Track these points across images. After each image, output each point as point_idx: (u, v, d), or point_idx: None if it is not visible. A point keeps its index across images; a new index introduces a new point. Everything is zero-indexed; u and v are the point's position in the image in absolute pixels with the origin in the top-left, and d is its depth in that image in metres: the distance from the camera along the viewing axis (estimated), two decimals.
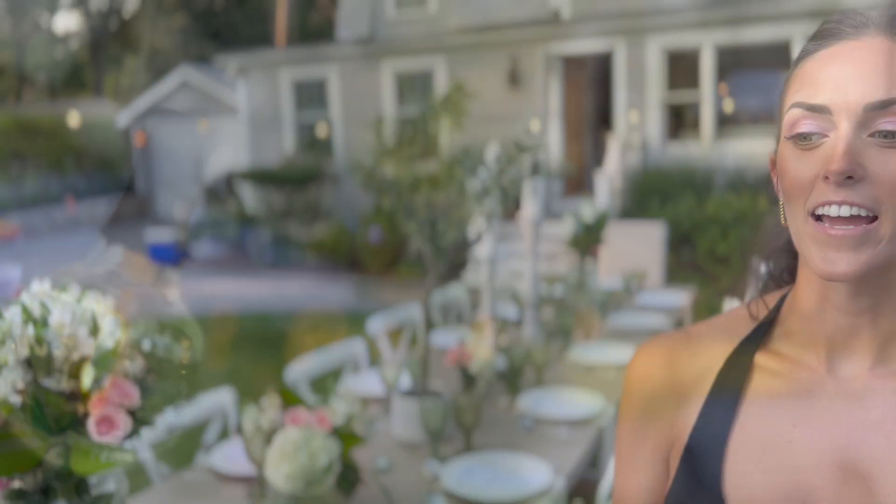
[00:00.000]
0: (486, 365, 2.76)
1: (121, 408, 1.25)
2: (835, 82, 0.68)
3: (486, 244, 3.05)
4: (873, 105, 0.66)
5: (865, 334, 0.73)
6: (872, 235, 0.67)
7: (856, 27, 0.70)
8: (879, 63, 0.67)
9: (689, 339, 0.86)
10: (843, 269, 0.67)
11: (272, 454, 1.79)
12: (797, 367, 0.77)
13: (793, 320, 0.79)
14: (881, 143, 0.66)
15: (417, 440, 2.42)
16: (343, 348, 3.27)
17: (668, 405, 0.84)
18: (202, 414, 2.63)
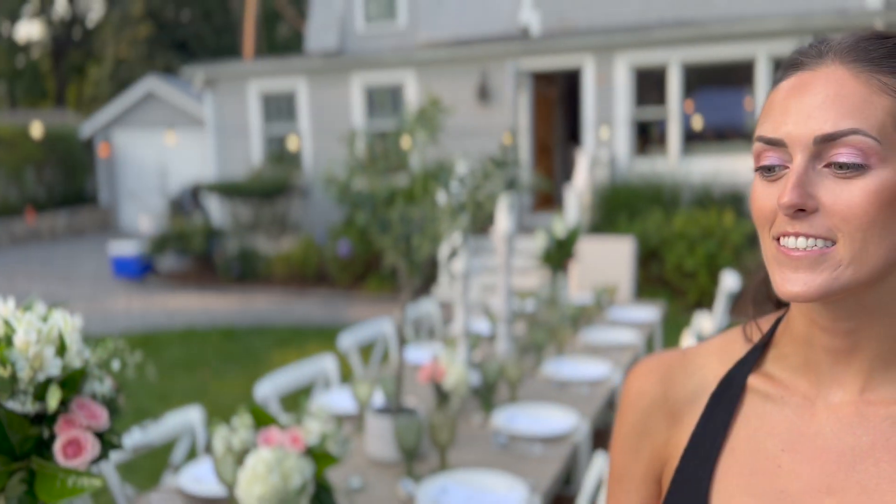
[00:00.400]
0: (459, 381, 2.73)
1: (88, 430, 1.20)
2: (791, 116, 0.69)
3: (460, 259, 3.03)
4: (822, 138, 0.67)
5: (854, 359, 0.73)
6: (830, 258, 0.67)
7: (815, 57, 0.71)
8: (831, 94, 0.68)
9: (684, 359, 0.87)
10: (799, 288, 0.68)
11: (244, 475, 1.74)
12: (789, 391, 0.77)
13: (786, 344, 0.79)
14: (835, 174, 0.67)
15: (391, 459, 2.38)
16: (313, 364, 3.22)
17: (662, 424, 0.84)
18: (169, 433, 2.56)
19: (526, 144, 10.83)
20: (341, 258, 9.92)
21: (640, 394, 0.86)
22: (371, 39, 12.76)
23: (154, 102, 17.29)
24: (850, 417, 0.73)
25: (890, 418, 0.71)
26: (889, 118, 0.66)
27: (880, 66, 0.68)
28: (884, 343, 0.72)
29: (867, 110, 0.66)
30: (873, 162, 0.66)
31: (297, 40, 26.92)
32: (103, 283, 11.25)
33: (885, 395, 0.73)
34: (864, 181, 0.66)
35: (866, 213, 0.66)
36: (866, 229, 0.66)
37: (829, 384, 0.75)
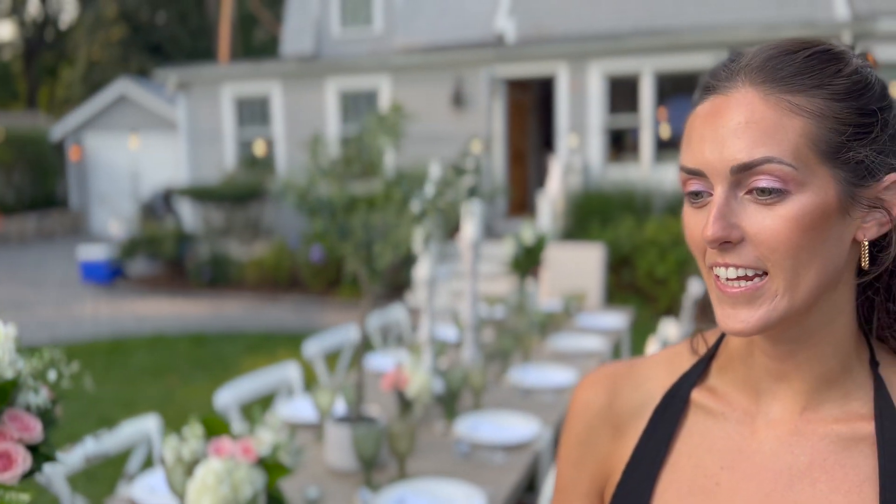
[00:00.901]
0: (422, 389, 2.71)
1: (20, 443, 1.17)
2: (707, 144, 0.68)
3: (425, 266, 3.01)
4: (738, 168, 0.66)
5: (793, 379, 0.73)
6: (765, 291, 0.67)
7: (725, 79, 0.69)
8: (742, 121, 0.66)
9: (631, 371, 0.86)
10: (739, 326, 0.67)
11: (193, 486, 1.70)
12: (731, 406, 0.77)
13: (728, 359, 0.78)
14: (757, 201, 0.66)
15: (350, 468, 2.36)
16: (276, 372, 3.18)
17: (607, 437, 0.84)
18: (125, 442, 2.51)
19: (500, 151, 10.85)
20: (314, 264, 9.86)
21: (586, 405, 0.85)
22: (347, 44, 12.72)
23: (126, 105, 17.10)
24: (788, 436, 0.73)
25: (828, 437, 0.71)
26: (802, 140, 0.65)
27: (790, 85, 0.66)
28: (824, 363, 0.72)
29: (779, 135, 0.65)
30: (792, 187, 0.65)
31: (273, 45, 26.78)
32: (71, 287, 11.08)
33: (825, 414, 0.72)
34: (785, 208, 0.65)
35: (790, 240, 0.65)
36: (794, 256, 0.65)
37: (769, 401, 0.74)
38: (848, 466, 0.69)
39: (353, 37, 12.71)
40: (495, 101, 10.80)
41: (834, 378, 0.72)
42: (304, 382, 3.36)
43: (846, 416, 0.71)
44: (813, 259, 0.66)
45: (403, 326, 4.55)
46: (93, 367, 6.79)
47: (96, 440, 2.43)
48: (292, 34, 13.27)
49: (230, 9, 21.21)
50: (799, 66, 0.67)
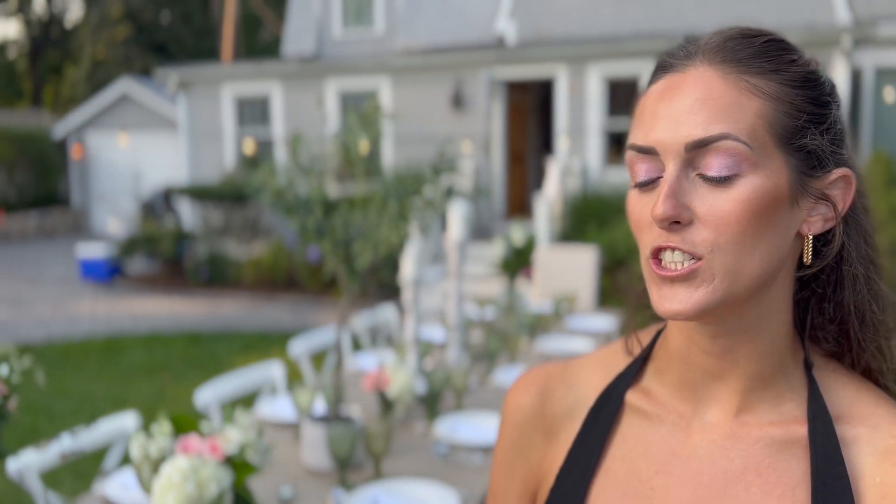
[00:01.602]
0: (404, 389, 2.70)
1: None
2: (660, 121, 0.65)
3: (409, 266, 3.01)
4: (693, 144, 0.63)
5: (730, 378, 0.71)
6: (702, 273, 0.64)
7: (684, 58, 0.68)
8: (700, 97, 0.64)
9: (565, 372, 0.84)
10: (676, 306, 0.65)
11: (158, 483, 1.69)
12: (665, 408, 0.75)
13: (663, 359, 0.76)
14: (708, 182, 0.64)
15: (326, 468, 2.35)
16: (260, 371, 3.17)
17: (539, 441, 0.81)
18: (102, 439, 2.50)
19: (499, 153, 10.84)
20: (311, 264, 9.86)
21: (517, 408, 0.83)
22: (348, 45, 12.73)
23: (128, 104, 17.13)
24: (723, 439, 0.71)
25: (762, 440, 0.70)
26: (759, 121, 0.64)
27: (748, 67, 0.65)
28: (761, 362, 0.70)
29: (737, 113, 0.63)
30: (744, 168, 0.63)
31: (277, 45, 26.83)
32: (70, 285, 11.09)
33: (760, 417, 0.71)
34: (737, 189, 0.63)
35: (738, 223, 0.63)
36: (738, 241, 0.63)
37: (705, 403, 0.73)
38: (781, 470, 0.68)
39: (355, 38, 12.71)
40: (495, 102, 10.80)
41: (769, 378, 0.70)
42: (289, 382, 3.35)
43: (780, 419, 0.70)
44: (758, 246, 0.64)
45: (393, 327, 4.54)
46: (87, 364, 6.80)
47: (73, 437, 2.43)
48: (294, 35, 13.28)
49: (234, 9, 21.25)
50: (758, 49, 0.67)
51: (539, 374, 0.84)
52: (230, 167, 12.34)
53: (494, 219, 10.63)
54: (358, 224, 2.45)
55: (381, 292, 9.10)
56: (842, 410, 0.69)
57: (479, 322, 4.29)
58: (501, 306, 4.19)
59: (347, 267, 2.40)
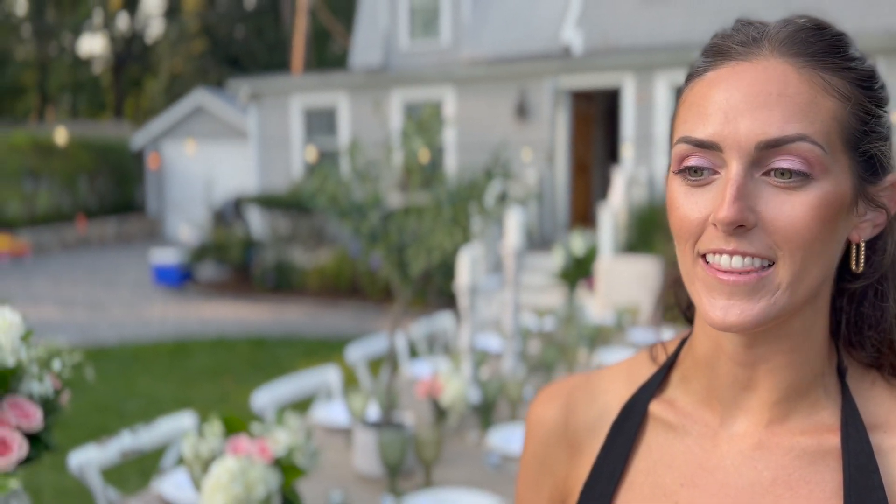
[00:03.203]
0: (457, 397, 2.68)
1: (17, 430, 1.19)
2: (724, 113, 0.60)
3: (464, 272, 2.98)
4: (766, 143, 0.58)
5: (762, 388, 0.66)
6: (768, 283, 0.59)
7: (747, 45, 0.62)
8: (773, 92, 0.59)
9: (588, 384, 0.81)
10: (734, 319, 0.60)
11: (207, 483, 1.71)
12: (691, 419, 0.71)
13: (689, 367, 0.72)
14: (777, 184, 0.59)
15: (377, 474, 2.34)
16: (316, 375, 3.20)
17: (563, 455, 0.79)
18: (161, 438, 2.56)
19: (563, 162, 10.74)
20: (373, 271, 9.95)
21: (540, 422, 0.80)
22: (414, 57, 12.85)
23: (202, 115, 17.70)
24: (751, 450, 0.67)
25: (793, 451, 0.65)
26: (833, 123, 0.59)
27: (823, 63, 0.60)
28: (797, 371, 0.65)
29: (813, 114, 0.58)
30: (817, 172, 0.58)
31: (346, 58, 27.33)
32: (144, 289, 11.49)
33: (792, 427, 0.66)
34: (807, 194, 0.58)
35: (809, 230, 0.58)
36: (807, 248, 0.59)
37: (733, 413, 0.68)
38: (813, 482, 0.64)
39: (421, 49, 12.82)
40: (559, 112, 10.71)
41: (805, 388, 0.66)
42: (345, 387, 3.37)
43: (813, 428, 0.66)
44: (822, 253, 0.60)
45: (450, 335, 4.53)
46: (156, 366, 7.01)
47: (133, 435, 2.49)
48: (361, 47, 13.49)
49: (304, 23, 21.76)
50: (829, 43, 0.61)
51: (562, 387, 0.82)
52: (297, 176, 12.59)
53: (557, 229, 10.51)
54: (412, 229, 2.44)
55: (440, 300, 9.11)
56: (878, 419, 0.65)
57: (537, 332, 4.23)
58: (560, 316, 4.12)
59: (401, 273, 2.39)
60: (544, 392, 0.82)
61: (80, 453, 2.26)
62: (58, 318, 9.22)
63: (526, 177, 10.24)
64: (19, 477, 1.13)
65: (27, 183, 16.88)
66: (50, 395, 1.26)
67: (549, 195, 10.79)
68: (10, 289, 11.19)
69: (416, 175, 2.49)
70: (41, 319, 8.95)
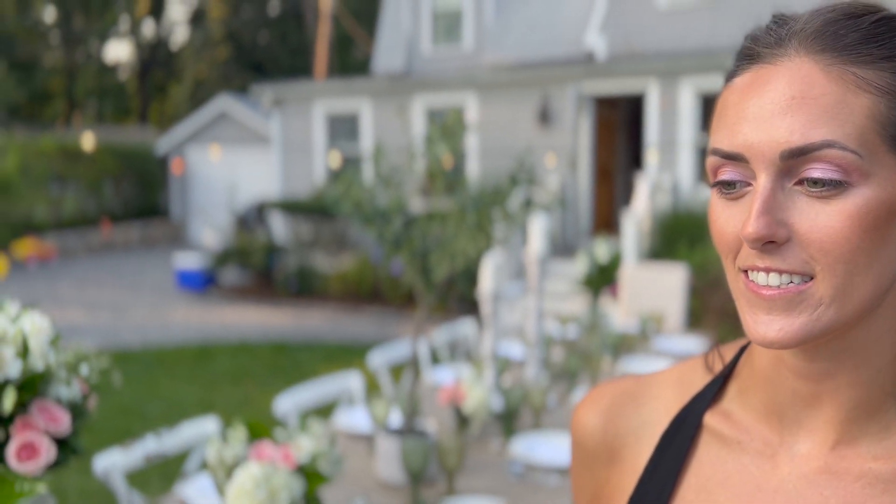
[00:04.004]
0: (480, 405, 2.66)
1: (45, 434, 1.19)
2: (749, 123, 0.57)
3: (487, 279, 2.97)
4: (791, 152, 0.55)
5: (827, 406, 0.62)
6: (807, 298, 0.56)
7: (773, 46, 0.58)
8: (797, 95, 0.55)
9: (636, 388, 0.77)
10: (774, 335, 0.57)
11: (231, 489, 1.71)
12: (749, 435, 0.67)
13: (748, 379, 0.68)
14: (809, 193, 0.55)
15: (399, 481, 2.32)
16: (338, 381, 3.19)
17: (602, 462, 0.75)
18: (184, 443, 2.56)
19: (585, 168, 10.69)
20: (395, 277, 9.96)
21: (582, 426, 0.77)
22: (437, 62, 12.86)
23: (225, 121, 17.85)
24: (816, 474, 0.62)
25: (864, 478, 0.61)
26: (869, 122, 0.54)
27: (856, 55, 0.55)
28: (865, 389, 0.61)
29: (842, 115, 0.54)
30: (854, 178, 0.54)
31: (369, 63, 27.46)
32: (167, 293, 11.59)
33: (862, 451, 0.62)
34: (845, 202, 0.54)
35: (849, 241, 0.54)
36: (849, 260, 0.55)
37: (795, 431, 0.64)
38: None
39: (444, 55, 12.84)
40: (582, 117, 10.66)
41: (875, 407, 0.61)
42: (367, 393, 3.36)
43: (887, 454, 0.61)
44: (871, 265, 0.55)
45: (472, 342, 4.51)
46: (179, 369, 7.05)
47: (157, 439, 2.50)
48: (384, 52, 13.53)
49: (327, 29, 21.89)
50: (866, 32, 0.56)
51: (607, 390, 0.78)
52: (320, 182, 12.65)
53: (580, 235, 10.46)
54: (435, 235, 2.43)
55: (462, 307, 9.09)
56: None
57: (560, 340, 4.20)
58: (584, 324, 4.09)
59: (424, 278, 2.38)
60: (590, 394, 0.79)
61: (104, 457, 2.27)
62: (82, 322, 9.32)
63: (549, 183, 10.20)
64: (46, 481, 1.13)
65: (54, 187, 17.12)
66: (77, 399, 1.26)
67: (572, 201, 10.74)
68: (37, 292, 11.34)
69: (440, 180, 2.48)
70: (66, 322, 9.06)
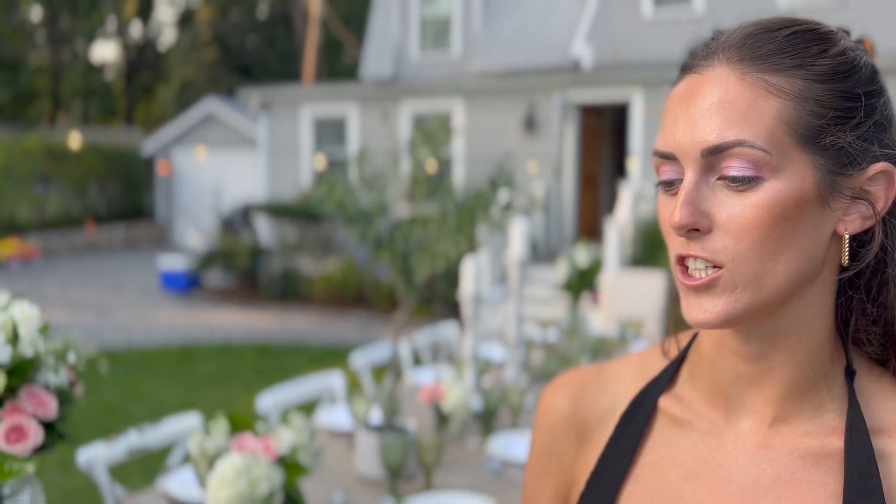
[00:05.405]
0: (459, 404, 2.71)
1: (34, 418, 1.23)
2: (679, 126, 0.64)
3: (467, 281, 3.03)
4: (709, 150, 0.62)
5: (765, 385, 0.68)
6: (724, 282, 0.63)
7: (703, 58, 0.66)
8: (716, 101, 0.62)
9: (599, 375, 0.83)
10: (700, 315, 0.64)
11: (212, 479, 1.75)
12: (697, 415, 0.73)
13: (696, 362, 0.74)
14: (729, 187, 0.62)
15: (378, 476, 2.37)
16: (320, 380, 3.24)
17: (571, 445, 0.81)
18: (167, 438, 2.60)
19: (570, 176, 10.79)
20: (379, 281, 10.00)
21: (549, 411, 0.82)
22: (425, 68, 12.94)
23: (212, 123, 17.84)
24: (755, 449, 0.69)
25: (796, 452, 0.67)
26: (778, 123, 0.61)
27: (768, 64, 0.63)
28: (799, 369, 0.67)
29: (753, 117, 0.61)
30: (765, 173, 0.61)
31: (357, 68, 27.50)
32: (151, 295, 11.56)
33: (797, 427, 0.68)
34: (757, 194, 0.61)
35: (760, 230, 0.61)
36: (761, 247, 0.61)
37: (738, 411, 0.70)
38: (815, 483, 0.65)
39: (432, 61, 12.92)
40: (567, 125, 10.77)
41: (808, 387, 0.67)
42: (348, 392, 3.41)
43: (817, 430, 0.67)
44: (783, 251, 0.62)
45: (454, 344, 4.56)
46: (162, 370, 7.06)
47: (140, 434, 2.53)
48: (372, 58, 13.59)
49: (316, 33, 21.94)
50: (779, 44, 0.64)
51: (573, 378, 0.83)
52: (306, 185, 12.67)
53: (564, 242, 10.55)
54: (418, 237, 2.48)
55: (445, 311, 9.14)
56: (884, 423, 0.66)
57: (541, 344, 4.26)
58: (564, 328, 4.15)
59: (406, 279, 2.44)
60: (555, 382, 0.84)
61: (88, 450, 2.31)
62: (66, 322, 9.28)
63: (533, 189, 10.29)
64: (34, 462, 1.17)
65: (37, 187, 17.02)
66: (65, 386, 1.31)
67: (556, 208, 10.83)
68: (20, 292, 11.28)
69: (423, 185, 2.54)
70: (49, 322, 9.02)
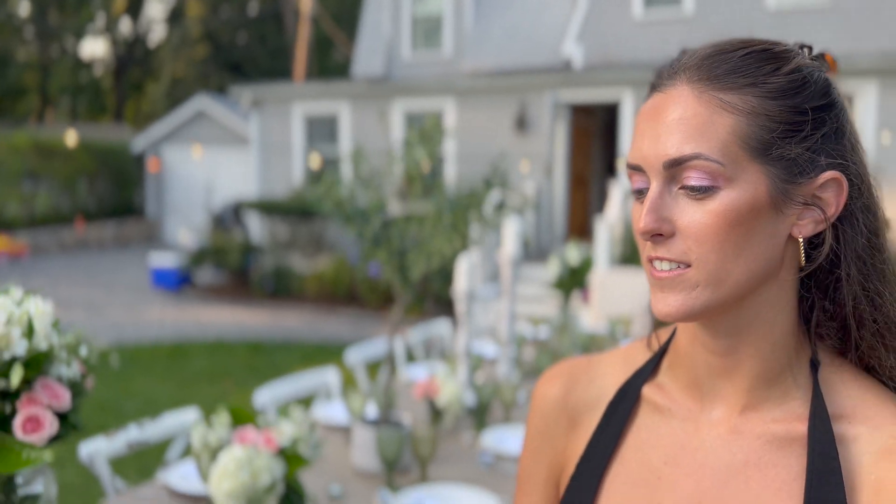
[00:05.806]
0: (453, 399, 2.77)
1: (48, 409, 1.28)
2: (645, 140, 0.71)
3: (461, 278, 3.08)
4: (669, 163, 0.68)
5: (735, 376, 0.75)
6: (685, 281, 0.69)
7: (668, 77, 0.72)
8: (675, 117, 0.69)
9: (589, 366, 0.90)
10: (664, 309, 0.70)
11: (215, 471, 1.80)
12: (676, 404, 0.79)
13: (674, 355, 0.81)
14: (689, 196, 0.68)
15: (374, 469, 2.42)
16: (316, 376, 3.28)
17: (562, 429, 0.87)
18: (165, 432, 2.64)
19: (561, 175, 10.86)
20: (372, 279, 10.04)
21: (544, 398, 0.89)
22: (416, 67, 12.98)
23: (203, 120, 17.81)
24: (727, 434, 0.75)
25: (763, 437, 0.73)
26: (731, 137, 0.67)
27: (722, 84, 0.69)
28: (765, 360, 0.73)
29: (709, 132, 0.67)
30: (721, 183, 0.67)
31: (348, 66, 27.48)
32: (142, 292, 11.55)
33: (765, 414, 0.74)
34: (714, 202, 0.67)
35: (716, 235, 0.67)
36: (719, 250, 0.67)
37: (711, 399, 0.77)
38: (780, 466, 0.72)
39: (423, 60, 12.96)
40: (558, 125, 10.84)
41: (774, 376, 0.74)
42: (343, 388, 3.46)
43: (784, 417, 0.73)
44: (739, 254, 0.68)
45: (447, 341, 4.62)
46: (154, 368, 7.08)
47: (140, 428, 2.58)
48: (364, 56, 13.62)
49: (307, 31, 21.92)
50: (734, 64, 0.70)
51: (565, 367, 0.90)
52: (298, 183, 12.69)
53: (555, 241, 10.62)
54: (413, 235, 2.54)
55: (438, 309, 9.20)
56: (844, 409, 0.72)
57: (532, 340, 4.32)
58: (555, 325, 4.22)
59: (401, 277, 2.49)
60: (549, 371, 0.91)
61: (89, 443, 2.35)
62: None
63: (524, 188, 10.35)
64: (52, 449, 1.22)
65: (26, 184, 16.95)
66: (77, 378, 1.35)
67: (547, 207, 10.90)
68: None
69: (417, 184, 2.59)
70: None
